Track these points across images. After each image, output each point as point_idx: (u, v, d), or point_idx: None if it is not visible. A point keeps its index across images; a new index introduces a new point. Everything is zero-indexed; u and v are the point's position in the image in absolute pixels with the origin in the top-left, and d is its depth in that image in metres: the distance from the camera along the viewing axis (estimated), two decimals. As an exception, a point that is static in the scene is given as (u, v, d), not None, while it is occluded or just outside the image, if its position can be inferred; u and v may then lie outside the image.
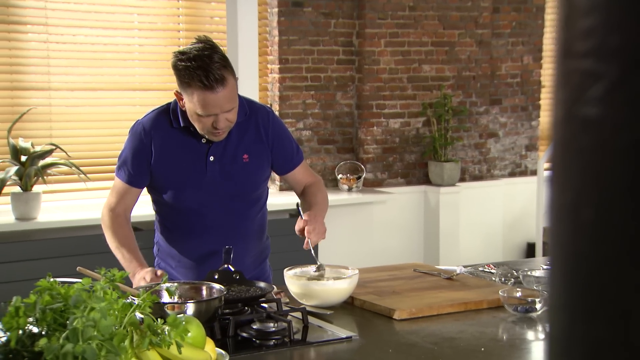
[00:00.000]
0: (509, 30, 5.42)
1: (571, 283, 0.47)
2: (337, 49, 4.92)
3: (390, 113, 5.06)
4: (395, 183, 5.09)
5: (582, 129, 0.47)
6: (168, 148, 2.30)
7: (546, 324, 0.51)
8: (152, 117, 2.32)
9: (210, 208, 2.31)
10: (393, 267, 2.62)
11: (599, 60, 0.46)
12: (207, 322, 1.79)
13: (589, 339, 0.47)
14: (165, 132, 2.30)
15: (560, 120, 0.49)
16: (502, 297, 2.11)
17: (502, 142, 5.46)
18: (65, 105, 4.28)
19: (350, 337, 1.91)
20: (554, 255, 0.49)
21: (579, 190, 0.47)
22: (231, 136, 2.31)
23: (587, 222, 0.46)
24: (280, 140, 2.39)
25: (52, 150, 3.93)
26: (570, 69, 0.48)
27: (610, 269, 0.45)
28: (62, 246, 3.79)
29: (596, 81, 0.46)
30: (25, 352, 1.35)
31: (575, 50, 0.47)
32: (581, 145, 0.47)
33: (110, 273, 1.45)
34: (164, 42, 4.53)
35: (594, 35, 0.46)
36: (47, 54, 4.20)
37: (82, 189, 4.17)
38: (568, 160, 0.48)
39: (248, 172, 2.33)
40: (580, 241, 0.47)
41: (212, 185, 2.30)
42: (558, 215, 0.48)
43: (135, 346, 1.42)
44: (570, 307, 0.47)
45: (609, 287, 0.46)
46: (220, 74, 2.12)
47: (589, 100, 0.46)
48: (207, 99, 2.13)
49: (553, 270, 0.49)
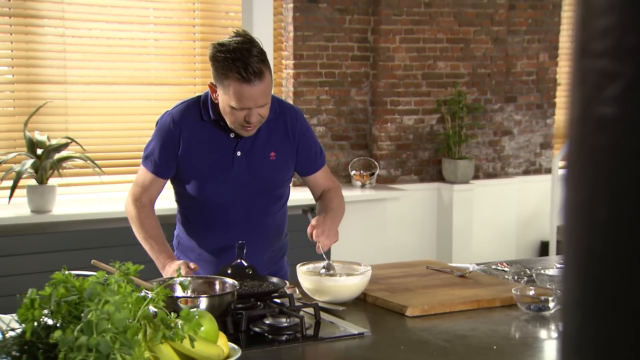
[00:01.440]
0: (525, 27, 5.39)
1: (585, 281, 0.47)
2: (352, 45, 4.92)
3: (405, 110, 5.05)
4: (408, 180, 5.08)
5: (598, 128, 0.47)
6: (196, 140, 2.30)
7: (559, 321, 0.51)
8: (181, 109, 2.32)
9: (233, 202, 2.32)
10: (406, 264, 2.62)
11: (615, 59, 0.46)
12: (220, 316, 1.80)
13: (601, 337, 0.47)
14: (194, 124, 2.30)
15: (576, 119, 0.49)
16: (515, 296, 2.11)
17: (517, 140, 5.44)
18: (81, 99, 4.31)
19: (362, 334, 1.92)
20: (568, 254, 0.49)
21: (593, 189, 0.47)
22: (260, 133, 2.31)
23: (601, 221, 0.46)
24: (306, 141, 2.40)
25: (67, 143, 3.96)
26: (587, 69, 0.48)
27: (623, 267, 0.46)
28: (76, 239, 3.82)
29: (612, 81, 0.46)
30: (40, 343, 1.37)
31: (591, 49, 0.48)
32: (596, 144, 0.47)
33: (125, 266, 1.46)
34: (179, 37, 4.55)
35: (610, 35, 0.46)
36: (63, 48, 4.22)
37: (97, 182, 4.19)
38: (583, 159, 0.48)
39: (274, 169, 2.34)
40: (594, 240, 0.47)
41: (237, 180, 2.31)
42: (573, 213, 0.48)
43: (149, 339, 1.43)
44: (583, 305, 0.48)
45: (622, 285, 0.46)
46: (259, 67, 2.13)
47: (604, 99, 0.46)
48: (243, 92, 2.14)
49: (567, 268, 0.49)
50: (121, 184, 4.38)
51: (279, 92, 4.83)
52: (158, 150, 2.32)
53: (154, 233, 2.32)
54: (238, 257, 2.21)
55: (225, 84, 2.16)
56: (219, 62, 2.15)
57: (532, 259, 3.83)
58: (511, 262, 2.62)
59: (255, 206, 2.34)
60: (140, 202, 2.35)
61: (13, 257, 3.71)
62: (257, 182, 2.33)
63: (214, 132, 2.30)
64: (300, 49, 4.77)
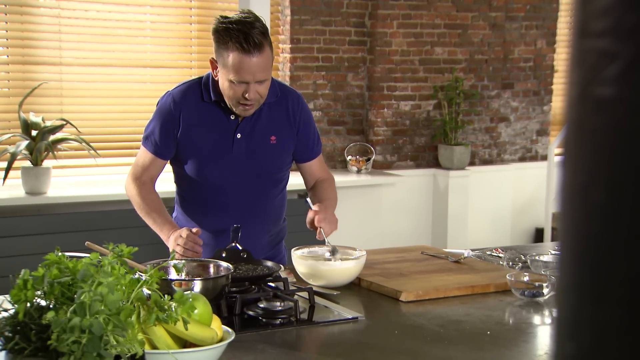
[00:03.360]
0: (523, 13, 5.37)
1: (581, 265, 0.47)
2: (349, 30, 4.89)
3: (401, 95, 5.04)
4: (404, 166, 5.07)
5: (597, 109, 0.46)
6: (196, 121, 2.29)
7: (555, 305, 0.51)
8: (182, 89, 2.32)
9: (231, 185, 2.31)
10: (400, 250, 2.62)
11: (615, 39, 0.45)
12: (214, 299, 1.79)
13: (597, 321, 0.46)
14: (194, 104, 2.29)
15: (574, 100, 0.48)
16: (510, 281, 2.11)
17: (513, 127, 5.43)
18: (76, 80, 4.29)
19: (357, 318, 1.92)
20: (565, 237, 0.48)
21: (591, 172, 0.46)
22: (261, 116, 2.31)
23: (598, 204, 0.46)
24: (306, 127, 2.39)
25: (62, 125, 3.94)
26: (586, 49, 0.47)
27: (620, 251, 0.45)
28: (71, 221, 3.81)
29: (612, 61, 0.45)
30: (33, 324, 1.36)
31: (591, 29, 0.47)
32: (595, 125, 0.46)
33: (118, 248, 1.46)
34: (175, 20, 4.52)
35: (611, 14, 0.45)
36: (58, 29, 4.20)
37: (91, 164, 4.18)
38: (581, 141, 0.47)
39: (274, 153, 2.34)
40: (591, 223, 0.46)
41: (236, 162, 2.30)
42: (570, 196, 0.48)
43: (142, 321, 1.42)
44: (579, 289, 0.47)
45: (618, 269, 0.45)
46: (260, 40, 2.14)
47: (604, 80, 0.46)
48: (243, 63, 2.14)
49: (563, 251, 0.48)
50: (116, 166, 4.37)
51: (276, 76, 4.80)
52: (158, 131, 2.31)
53: (156, 207, 2.31)
54: (233, 240, 2.20)
55: (225, 55, 2.16)
56: (220, 32, 2.16)
57: (527, 245, 3.84)
58: (506, 248, 2.62)
59: (253, 189, 2.33)
60: (140, 180, 2.35)
61: (7, 239, 3.70)
62: (256, 165, 2.32)
63: (214, 113, 2.29)
64: (297, 33, 4.75)
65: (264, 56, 2.15)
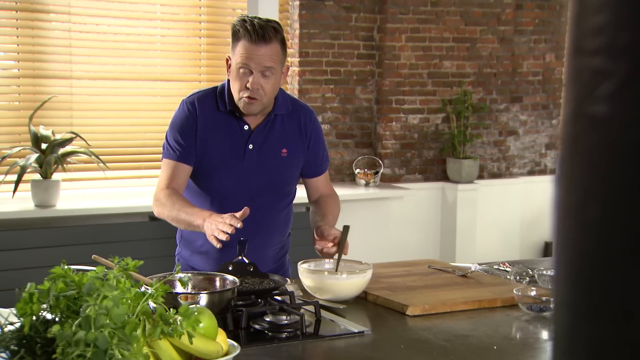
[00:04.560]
0: (531, 27, 5.37)
1: (576, 281, 0.47)
2: (357, 44, 4.91)
3: (410, 109, 5.04)
4: (413, 179, 5.07)
5: (591, 126, 0.46)
6: (211, 129, 2.31)
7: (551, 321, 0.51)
8: (198, 96, 2.35)
9: (239, 196, 2.31)
10: (407, 263, 2.61)
11: (609, 57, 0.45)
12: (220, 313, 1.79)
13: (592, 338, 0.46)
14: (210, 112, 2.32)
15: (569, 117, 0.48)
16: (517, 296, 2.10)
17: (522, 140, 5.42)
18: (86, 94, 4.31)
19: (363, 332, 1.91)
20: (559, 253, 0.48)
21: (586, 188, 0.46)
22: (274, 127, 2.34)
23: (593, 220, 0.46)
24: (316, 143, 2.42)
25: (72, 138, 3.96)
26: (581, 66, 0.47)
27: (614, 267, 0.45)
28: (80, 234, 3.82)
29: (605, 79, 0.45)
30: (39, 338, 1.37)
31: (585, 47, 0.47)
32: (589, 142, 0.46)
33: (124, 262, 1.46)
34: (185, 33, 4.55)
35: (604, 33, 0.45)
36: (69, 43, 4.23)
37: (101, 177, 4.20)
38: (576, 158, 0.47)
39: (284, 166, 2.35)
40: (586, 239, 0.46)
41: (246, 173, 2.31)
42: (564, 212, 0.48)
43: (147, 335, 1.43)
44: (574, 306, 0.47)
45: (613, 285, 0.45)
46: (269, 33, 2.22)
47: (598, 97, 0.46)
48: (249, 50, 2.21)
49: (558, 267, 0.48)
50: (125, 179, 4.38)
51: (284, 89, 4.82)
52: (179, 135, 2.31)
53: (185, 204, 2.23)
54: (239, 253, 2.20)
55: (235, 46, 2.24)
56: (236, 26, 2.25)
57: (535, 260, 3.82)
58: (513, 263, 2.61)
59: (261, 201, 2.33)
60: (167, 189, 2.28)
61: (17, 252, 3.72)
62: (266, 177, 2.33)
63: (228, 123, 2.32)
64: (306, 47, 4.77)
65: (270, 48, 2.22)
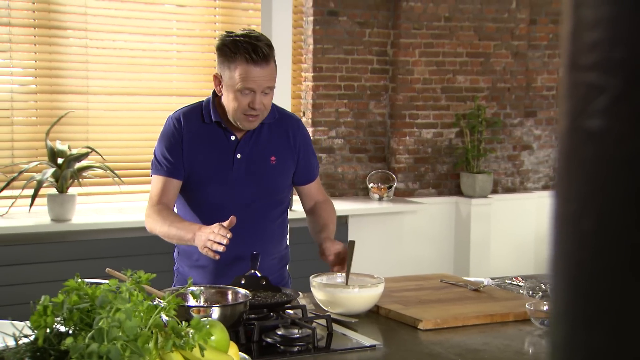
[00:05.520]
0: (545, 42, 5.38)
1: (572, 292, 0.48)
2: (371, 58, 4.93)
3: (423, 123, 5.05)
4: (426, 193, 5.07)
5: (586, 140, 0.47)
6: (198, 142, 2.34)
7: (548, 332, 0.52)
8: (183, 112, 2.38)
9: (231, 205, 2.31)
10: (419, 277, 2.61)
11: (604, 73, 0.46)
12: (232, 326, 1.80)
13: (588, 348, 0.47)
14: (196, 126, 2.34)
15: (565, 131, 0.49)
16: (529, 310, 2.10)
17: (536, 155, 5.41)
18: (102, 109, 4.36)
19: (375, 346, 1.92)
20: (556, 265, 0.49)
21: (581, 201, 0.47)
22: (261, 136, 2.35)
23: (588, 232, 0.47)
24: (306, 150, 2.44)
25: (88, 153, 4.00)
26: (576, 81, 0.48)
27: (610, 278, 0.46)
28: (96, 248, 3.85)
29: (601, 93, 0.46)
30: (52, 350, 1.38)
31: (581, 63, 0.48)
32: (584, 156, 0.47)
33: (137, 275, 1.48)
34: (200, 49, 4.59)
35: (599, 48, 0.47)
36: (86, 59, 4.28)
37: (116, 192, 4.24)
38: (572, 171, 0.48)
39: (274, 174, 2.37)
40: (582, 251, 0.47)
41: (236, 182, 2.33)
42: (560, 224, 0.49)
43: (159, 348, 1.44)
44: (570, 316, 0.48)
45: (609, 296, 0.46)
46: (267, 51, 2.22)
47: (592, 112, 0.47)
48: (250, 72, 2.20)
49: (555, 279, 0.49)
50: (140, 193, 4.41)
51: (298, 104, 4.85)
52: (166, 151, 2.34)
53: (176, 219, 2.26)
54: (252, 267, 2.21)
55: (232, 67, 2.22)
56: (226, 45, 2.23)
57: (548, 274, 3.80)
58: (526, 277, 2.60)
59: (253, 210, 2.34)
60: (158, 205, 2.31)
61: (33, 265, 3.75)
62: (256, 186, 2.35)
63: (215, 134, 2.34)
64: (320, 62, 4.80)
65: (270, 67, 2.23)
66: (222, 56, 2.24)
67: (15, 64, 4.17)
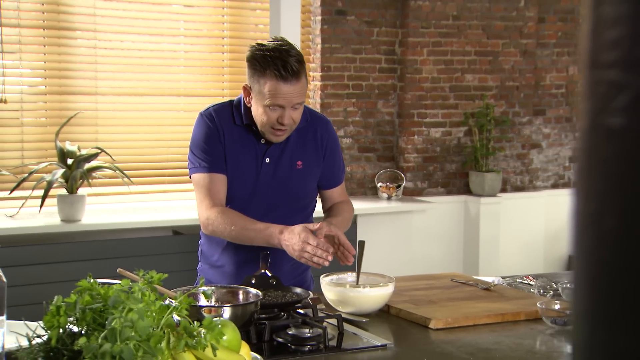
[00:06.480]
0: (554, 40, 5.36)
1: (594, 291, 0.48)
2: (379, 58, 4.93)
3: (432, 122, 5.04)
4: (435, 192, 5.06)
5: (607, 138, 0.47)
6: (230, 142, 2.30)
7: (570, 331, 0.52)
8: (216, 109, 2.33)
9: (254, 209, 2.30)
10: (430, 277, 2.61)
11: (624, 71, 0.46)
12: (243, 326, 1.81)
13: (610, 347, 0.47)
14: (228, 124, 2.31)
15: (586, 129, 0.49)
16: (540, 309, 2.09)
17: (545, 153, 5.40)
18: (111, 109, 4.37)
19: (385, 345, 1.91)
20: (578, 263, 0.49)
21: (603, 199, 0.47)
22: (290, 141, 2.33)
23: (610, 231, 0.47)
24: (332, 153, 2.40)
25: (97, 153, 4.01)
26: (597, 80, 0.48)
27: (632, 277, 0.46)
28: (105, 248, 3.86)
29: (621, 91, 0.46)
30: (65, 350, 1.38)
31: (601, 61, 0.48)
32: (605, 154, 0.47)
33: (149, 275, 1.48)
34: (208, 49, 4.59)
35: (620, 46, 0.46)
36: (95, 60, 4.29)
37: (125, 192, 4.24)
38: (593, 169, 0.48)
39: (299, 178, 2.34)
40: (604, 249, 0.47)
41: (262, 186, 2.31)
42: (582, 223, 0.48)
43: (172, 348, 1.44)
44: (592, 315, 0.48)
45: (631, 295, 0.46)
46: (297, 67, 2.17)
47: (614, 110, 0.47)
48: (279, 89, 2.17)
49: (576, 277, 0.49)
50: (149, 193, 4.42)
51: (307, 104, 4.85)
52: (205, 145, 2.28)
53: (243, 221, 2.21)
54: (262, 267, 2.21)
55: (261, 82, 2.18)
56: (257, 60, 2.18)
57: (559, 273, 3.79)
58: (537, 276, 2.60)
59: (277, 215, 2.30)
60: (215, 208, 2.26)
61: (43, 266, 3.76)
62: (281, 191, 2.32)
63: (245, 136, 2.31)
64: (328, 61, 4.79)
65: (300, 83, 2.19)
66: (252, 69, 2.20)
67: (25, 65, 4.18)
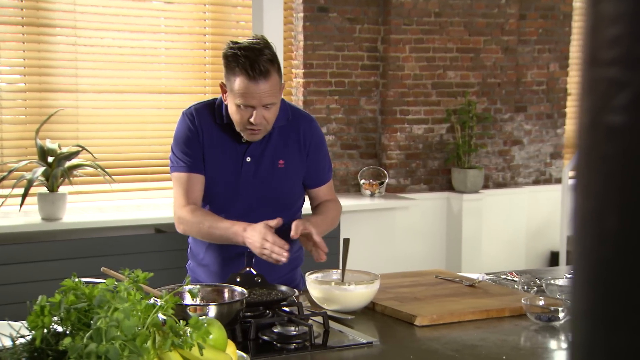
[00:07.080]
0: (535, 37, 5.39)
1: (594, 290, 0.47)
2: (361, 55, 4.93)
3: (414, 119, 5.05)
4: (418, 189, 5.07)
5: (607, 136, 0.47)
6: (210, 141, 2.29)
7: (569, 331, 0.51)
8: (198, 108, 2.32)
9: (238, 208, 2.29)
10: (415, 274, 2.61)
11: (625, 68, 0.46)
12: (229, 324, 1.80)
13: (611, 347, 0.46)
14: (208, 124, 2.30)
15: (585, 127, 0.49)
16: (525, 305, 2.10)
17: (527, 150, 5.43)
18: (92, 107, 4.33)
19: (371, 343, 1.91)
20: (578, 263, 0.49)
21: (602, 198, 0.47)
22: (271, 140, 2.31)
23: (610, 230, 0.46)
24: (316, 151, 2.38)
25: (78, 151, 3.98)
26: (596, 77, 0.48)
27: (633, 276, 0.45)
28: (86, 247, 3.83)
29: (621, 89, 0.46)
30: (50, 350, 1.37)
31: (601, 58, 0.48)
32: (606, 152, 0.47)
33: (134, 274, 1.47)
34: (190, 46, 4.57)
35: (620, 43, 0.46)
36: (75, 57, 4.25)
37: (107, 190, 4.21)
38: (592, 168, 0.48)
39: (281, 178, 2.32)
40: (604, 248, 0.47)
41: (244, 186, 2.30)
42: (582, 222, 0.48)
43: (158, 347, 1.43)
44: (593, 315, 0.47)
45: (632, 294, 0.45)
46: (266, 67, 2.15)
47: (614, 108, 0.46)
48: (248, 89, 2.15)
49: (576, 277, 0.49)
50: (131, 192, 4.39)
51: (289, 101, 4.84)
52: (185, 146, 2.29)
53: (212, 218, 2.23)
54: (247, 265, 2.20)
55: (232, 80, 2.18)
56: (228, 57, 2.18)
57: (542, 269, 3.82)
58: (521, 272, 2.61)
59: (261, 214, 2.27)
60: (188, 206, 2.27)
61: (24, 265, 3.72)
62: (263, 189, 2.31)
63: (225, 136, 2.30)
64: (310, 58, 4.78)
65: (270, 82, 2.16)
66: (225, 67, 2.20)
67: (4, 62, 4.14)
